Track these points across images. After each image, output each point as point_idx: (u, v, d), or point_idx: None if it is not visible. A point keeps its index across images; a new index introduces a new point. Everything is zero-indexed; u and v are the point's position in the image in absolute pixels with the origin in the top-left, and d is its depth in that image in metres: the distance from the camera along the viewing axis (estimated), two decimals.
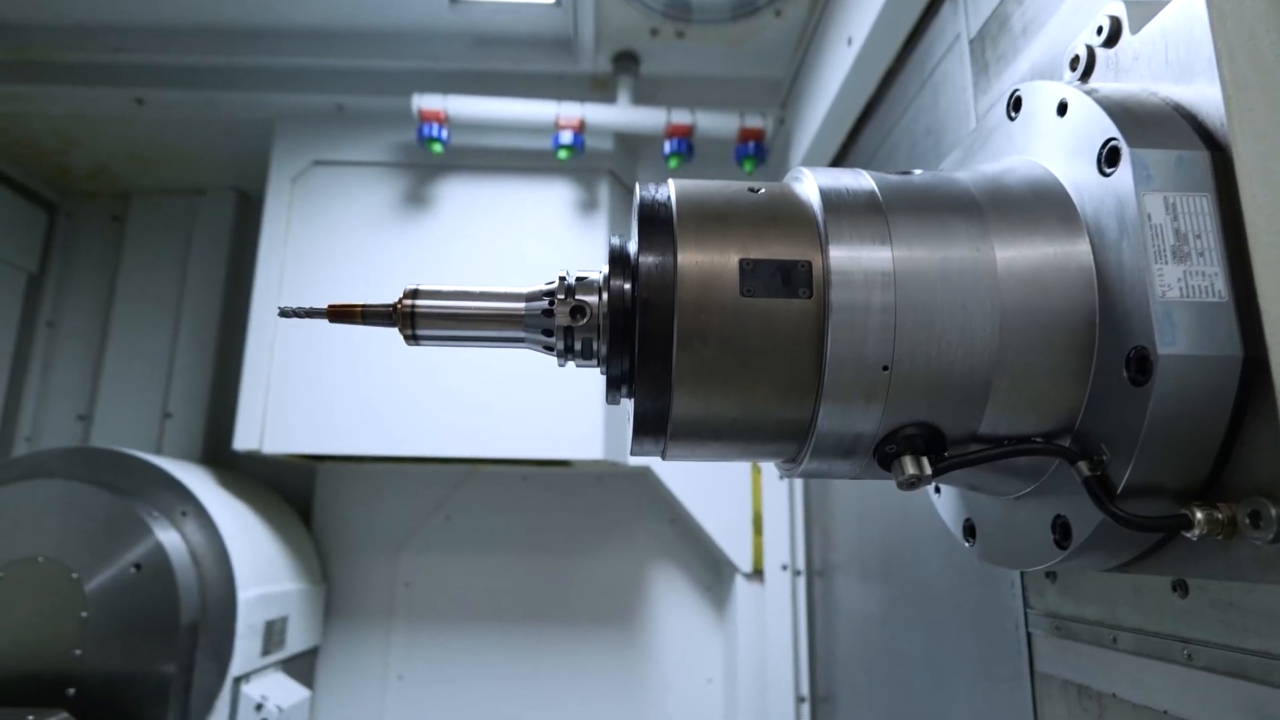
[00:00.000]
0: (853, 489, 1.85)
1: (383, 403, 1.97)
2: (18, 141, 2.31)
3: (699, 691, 2.31)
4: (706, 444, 0.78)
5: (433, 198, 2.10)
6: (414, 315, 0.79)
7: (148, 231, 2.59)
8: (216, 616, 1.78)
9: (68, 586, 1.69)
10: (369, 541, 2.37)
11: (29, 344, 2.51)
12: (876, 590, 1.65)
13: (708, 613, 2.35)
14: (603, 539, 2.40)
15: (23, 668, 1.65)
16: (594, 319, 0.77)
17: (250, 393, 1.98)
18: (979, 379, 0.70)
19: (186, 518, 1.83)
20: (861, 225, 0.71)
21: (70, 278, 2.59)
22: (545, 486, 2.42)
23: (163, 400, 2.44)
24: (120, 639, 1.68)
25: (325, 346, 2.00)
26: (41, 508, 1.73)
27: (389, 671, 2.29)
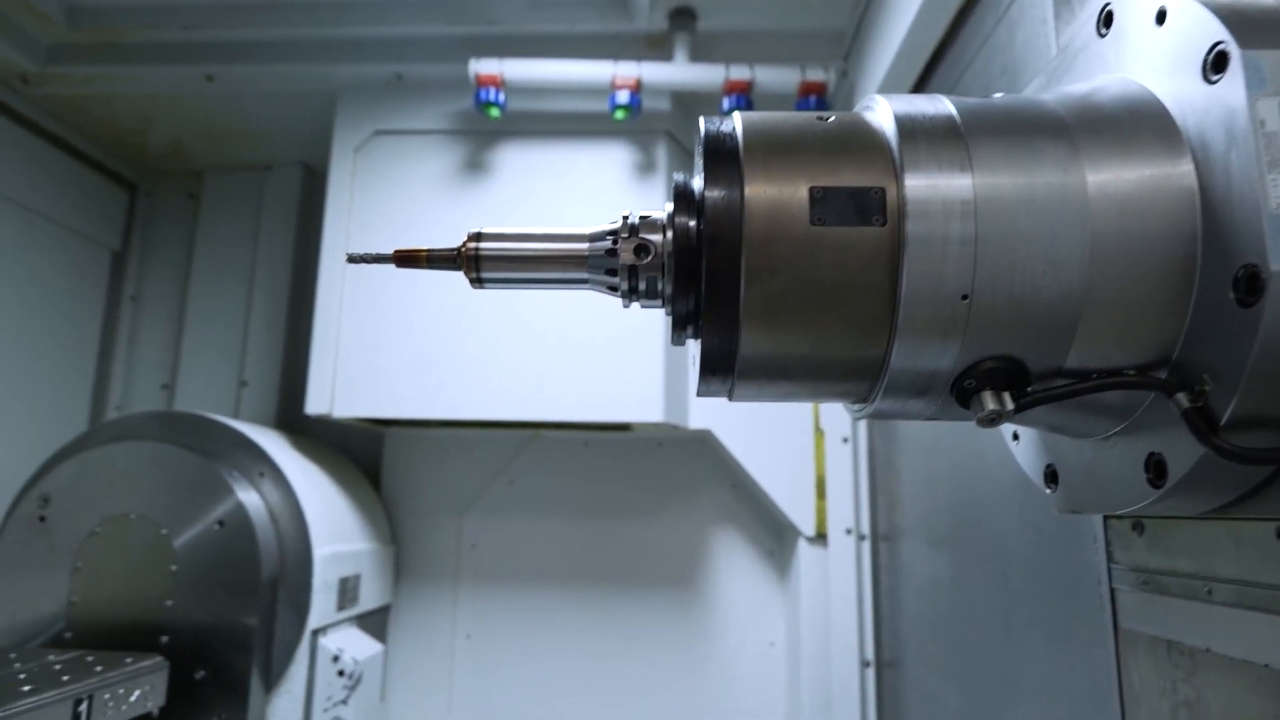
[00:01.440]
0: (920, 452, 1.80)
1: (446, 368, 2.01)
2: (99, 122, 2.41)
3: (761, 655, 2.30)
4: (775, 383, 0.76)
5: (491, 164, 2.11)
6: (478, 258, 0.79)
7: (220, 207, 2.68)
8: (294, 572, 1.85)
9: (158, 542, 1.78)
10: (435, 505, 2.43)
11: (115, 318, 2.63)
12: (945, 553, 1.61)
13: (770, 577, 2.34)
14: (664, 504, 2.40)
15: (121, 616, 1.75)
16: (658, 257, 0.76)
17: (320, 359, 2.04)
18: (1066, 309, 0.66)
19: (264, 478, 1.90)
20: (940, 151, 0.68)
21: (151, 254, 2.71)
22: (606, 452, 2.43)
23: (239, 369, 2.54)
24: (206, 592, 1.76)
25: (390, 313, 2.04)
26: (132, 468, 1.82)
27: (457, 630, 2.36)
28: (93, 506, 1.80)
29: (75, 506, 1.81)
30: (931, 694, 1.67)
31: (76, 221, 2.44)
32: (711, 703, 2.29)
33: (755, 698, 2.29)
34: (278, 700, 1.80)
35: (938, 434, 1.67)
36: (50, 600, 1.78)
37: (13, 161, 2.21)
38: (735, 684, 2.30)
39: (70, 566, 1.78)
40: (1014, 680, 1.27)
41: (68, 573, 1.78)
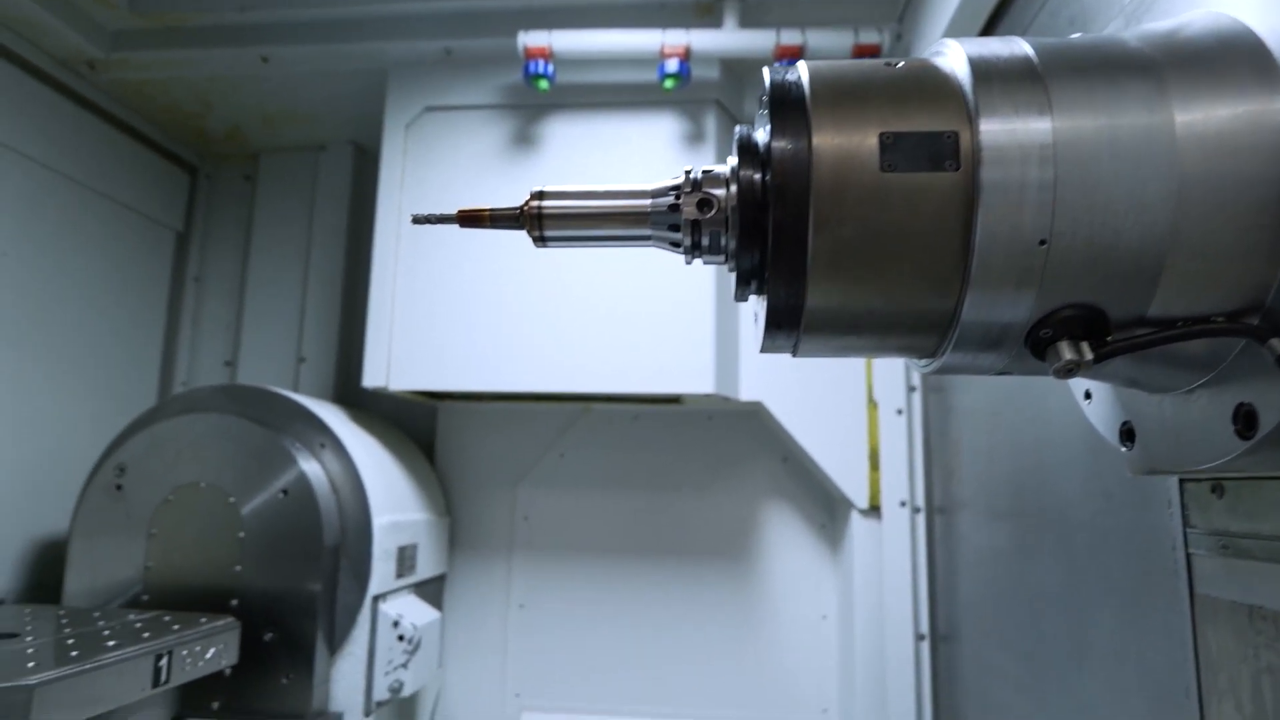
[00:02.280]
0: (978, 423, 1.76)
1: (498, 341, 2.03)
2: (162, 107, 2.48)
3: (813, 628, 2.30)
4: (841, 337, 0.75)
5: (540, 137, 2.11)
6: (541, 216, 0.80)
7: (275, 188, 2.75)
8: (355, 540, 1.90)
9: (226, 510, 1.85)
10: (488, 477, 2.47)
11: (180, 298, 2.72)
12: (1006, 524, 1.58)
13: (821, 550, 2.33)
14: (714, 477, 2.40)
15: (194, 580, 1.82)
16: (722, 211, 0.76)
17: (375, 334, 2.08)
18: (1151, 254, 0.64)
19: (324, 449, 1.95)
20: (1016, 94, 0.66)
21: (211, 235, 2.79)
22: (656, 425, 2.44)
23: (297, 345, 2.61)
24: (272, 558, 1.82)
25: (443, 288, 2.07)
26: (200, 439, 1.89)
27: (510, 600, 2.40)
28: (165, 475, 1.88)
29: (149, 475, 1.88)
30: (990, 666, 1.65)
31: (142, 204, 2.52)
32: (763, 673, 2.30)
33: (807, 670, 2.29)
34: (341, 663, 1.85)
35: (997, 403, 1.63)
36: (128, 565, 1.86)
37: (82, 146, 2.29)
38: (787, 656, 2.30)
39: (145, 532, 1.86)
40: (1080, 650, 1.25)
41: (143, 538, 1.86)
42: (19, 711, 1.09)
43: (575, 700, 2.34)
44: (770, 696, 2.29)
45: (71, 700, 1.17)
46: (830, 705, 2.27)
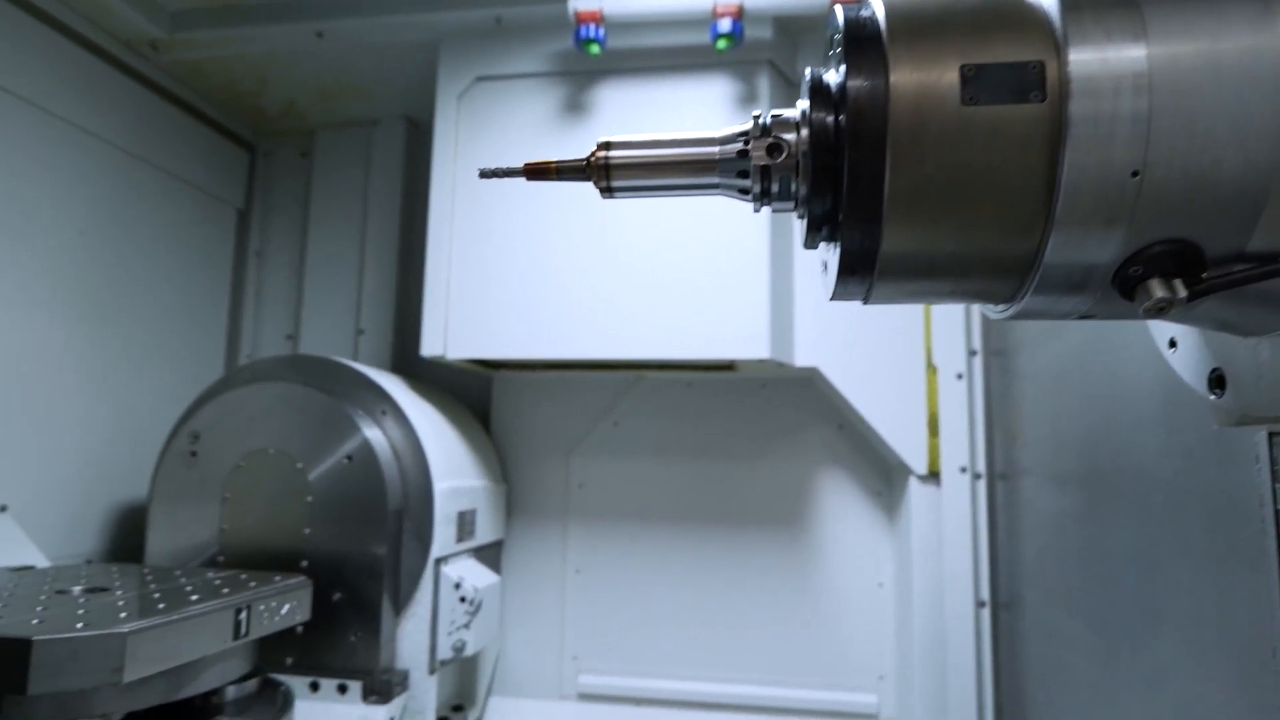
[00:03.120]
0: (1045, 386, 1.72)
1: (552, 309, 2.04)
2: (220, 85, 2.53)
3: (869, 595, 2.28)
4: (916, 281, 0.74)
5: (592, 104, 2.10)
6: (608, 167, 0.79)
7: (331, 164, 2.79)
8: (417, 505, 1.95)
9: (294, 475, 1.91)
10: (543, 446, 2.50)
11: (243, 273, 2.80)
12: (1073, 488, 1.54)
13: (877, 518, 2.31)
14: (768, 445, 2.39)
15: (266, 542, 1.90)
16: (792, 156, 0.74)
17: (433, 304, 2.11)
18: (1254, 184, 0.61)
19: (386, 416, 2.00)
20: (1108, 19, 0.63)
21: (271, 211, 2.86)
22: (709, 393, 2.44)
23: (355, 318, 2.66)
24: (339, 521, 1.88)
25: (498, 258, 2.09)
26: (267, 407, 1.95)
27: (567, 565, 2.44)
28: (236, 442, 1.95)
29: (221, 442, 1.96)
30: (1056, 632, 1.62)
31: (205, 181, 2.59)
32: (818, 640, 2.30)
33: (863, 637, 2.28)
34: (406, 623, 1.91)
35: (1066, 365, 1.59)
36: (204, 527, 1.94)
37: (148, 126, 2.36)
38: (842, 623, 2.29)
39: (219, 497, 1.94)
40: (1155, 613, 1.21)
41: (217, 502, 1.94)
42: (114, 657, 1.15)
43: (631, 664, 2.38)
44: (825, 663, 2.29)
45: (160, 649, 1.24)
46: (887, 672, 2.26)
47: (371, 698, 1.80)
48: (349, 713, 1.79)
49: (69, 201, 2.10)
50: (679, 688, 2.33)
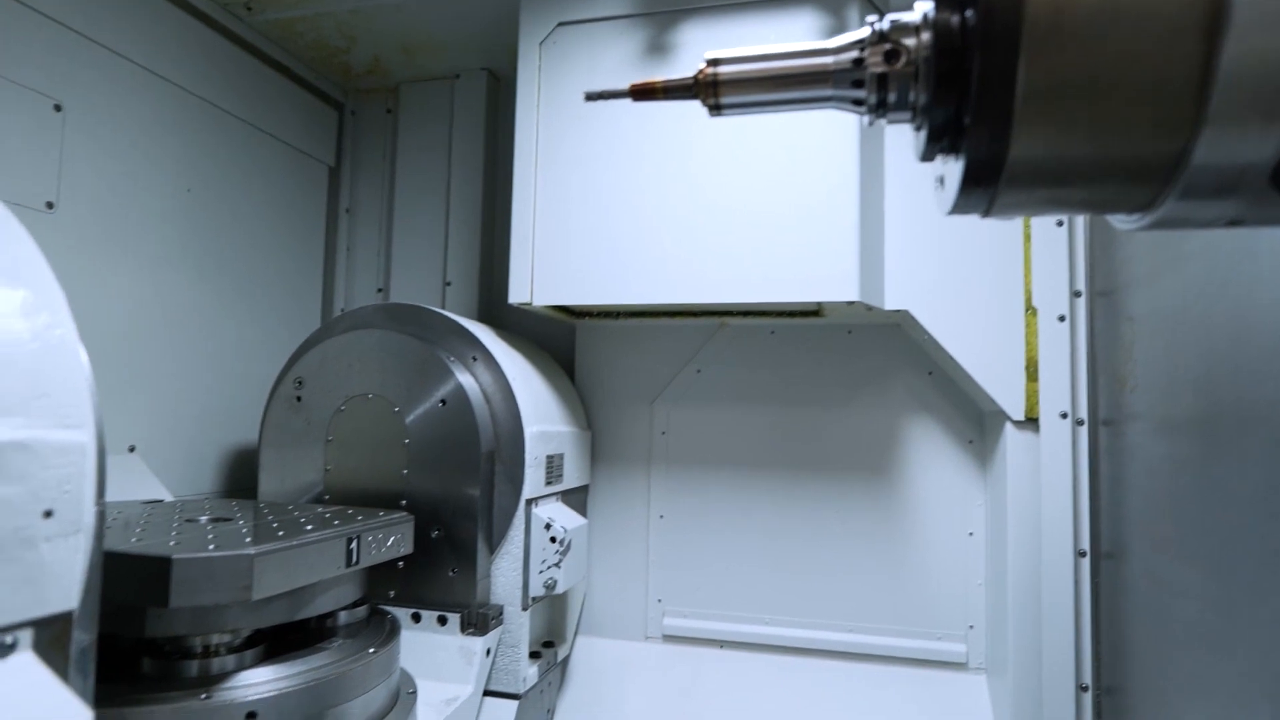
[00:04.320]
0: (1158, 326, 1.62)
1: (635, 254, 2.04)
2: (311, 44, 2.60)
3: (959, 544, 2.24)
4: (1045, 189, 0.70)
5: (674, 45, 2.06)
6: (717, 83, 0.78)
7: (415, 119, 2.84)
8: (508, 447, 2.00)
9: (392, 418, 1.99)
10: (626, 393, 2.53)
11: (335, 229, 2.90)
12: (1190, 432, 1.46)
13: (968, 466, 2.25)
14: (854, 392, 2.36)
15: (367, 482, 1.99)
16: (912, 62, 0.71)
17: (519, 252, 2.14)
18: None
19: (476, 362, 2.05)
20: None
21: (359, 168, 2.94)
22: (793, 340, 2.41)
23: (442, 270, 2.73)
24: (434, 463, 1.96)
25: (581, 204, 2.09)
26: (366, 353, 2.03)
27: (651, 510, 2.48)
28: (337, 387, 2.04)
29: (324, 387, 2.05)
30: (1164, 581, 1.55)
31: (298, 139, 2.68)
32: (905, 589, 2.28)
33: (952, 586, 2.24)
34: (500, 560, 1.98)
35: (1184, 303, 1.49)
36: (310, 468, 2.05)
37: (245, 86, 2.44)
38: (930, 572, 2.26)
39: (324, 439, 2.04)
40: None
41: (322, 444, 2.04)
42: (243, 576, 1.24)
43: (715, 608, 2.41)
44: (912, 611, 2.27)
45: (282, 571, 1.32)
46: (977, 622, 2.22)
47: (469, 630, 1.89)
48: (449, 642, 1.88)
49: (178, 161, 2.21)
50: (762, 632, 2.36)
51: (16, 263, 0.86)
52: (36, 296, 0.85)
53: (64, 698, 0.77)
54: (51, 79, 1.84)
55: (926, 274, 2.02)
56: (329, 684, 1.38)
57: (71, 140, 1.89)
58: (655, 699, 2.35)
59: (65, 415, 0.83)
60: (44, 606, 0.80)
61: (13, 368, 0.79)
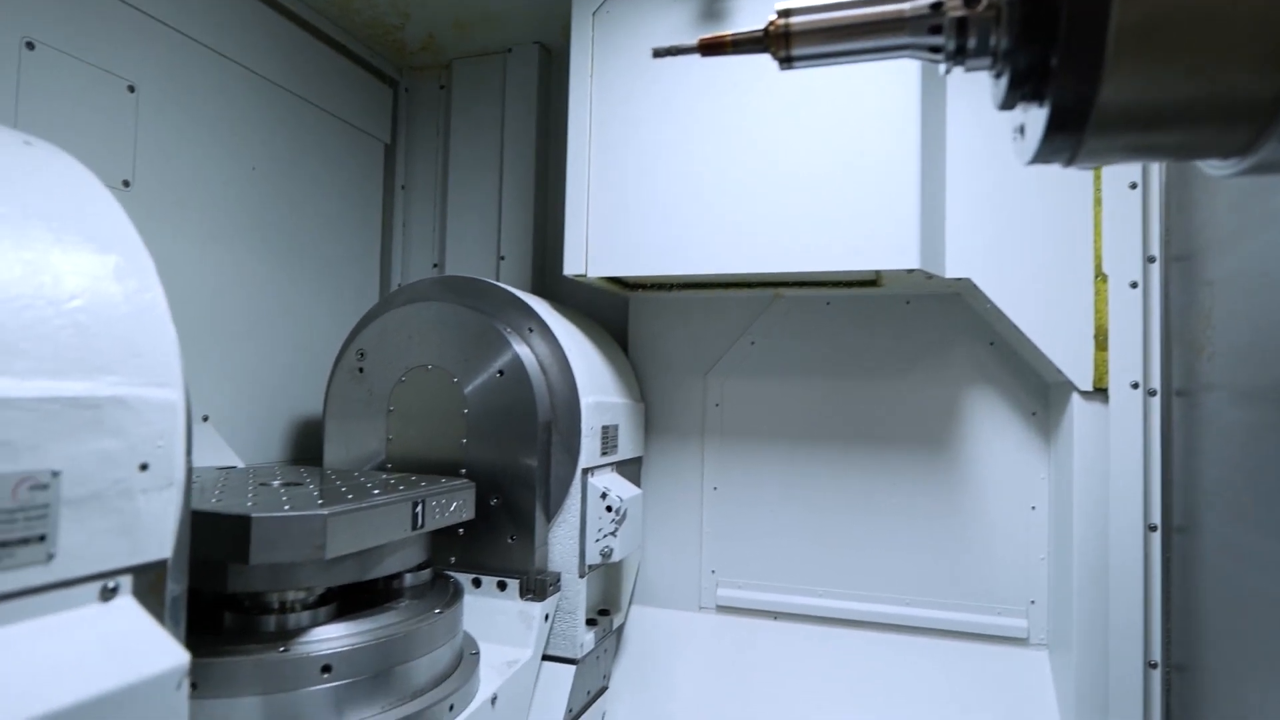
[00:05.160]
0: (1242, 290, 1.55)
1: (689, 225, 2.03)
2: (367, 22, 2.63)
3: (1021, 518, 2.20)
4: (1135, 134, 0.67)
5: (728, 11, 2.03)
6: (789, 34, 0.76)
7: (467, 95, 2.86)
8: (564, 417, 2.03)
9: (450, 389, 2.03)
10: (680, 365, 2.53)
11: (391, 205, 2.95)
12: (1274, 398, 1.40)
13: (1031, 438, 2.20)
14: (912, 363, 2.31)
15: (428, 451, 2.04)
16: (994, 4, 0.69)
17: (574, 224, 2.15)
18: None
19: (533, 334, 2.08)
20: None
21: (414, 145, 2.98)
22: (849, 311, 2.37)
23: (496, 244, 2.76)
24: (492, 432, 1.99)
25: (635, 175, 2.09)
26: (425, 325, 2.07)
27: (704, 482, 2.49)
28: (398, 358, 2.08)
29: (385, 359, 2.10)
30: (1246, 554, 1.50)
31: (355, 117, 2.73)
32: (963, 562, 2.25)
33: (1012, 560, 2.20)
34: (557, 529, 2.02)
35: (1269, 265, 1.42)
36: (373, 438, 2.10)
37: (304, 64, 2.49)
38: (990, 546, 2.23)
39: (385, 409, 2.09)
40: None
41: (384, 415, 2.09)
42: (317, 535, 1.29)
43: (770, 579, 2.41)
44: (971, 585, 2.24)
45: (353, 531, 1.36)
46: (1038, 597, 2.18)
47: (528, 595, 1.93)
48: (509, 607, 1.92)
49: (243, 139, 2.27)
50: (817, 604, 2.35)
51: (108, 230, 0.90)
52: (127, 262, 0.89)
53: (163, 639, 0.81)
54: (126, 61, 1.90)
55: (989, 241, 1.97)
56: (398, 641, 1.43)
57: (145, 121, 1.95)
58: (709, 668, 2.37)
59: (156, 375, 0.87)
60: (141, 554, 0.84)
61: (109, 329, 0.83)
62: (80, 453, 0.77)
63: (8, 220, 0.77)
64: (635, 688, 2.38)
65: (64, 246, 0.82)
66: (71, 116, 1.78)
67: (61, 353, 0.77)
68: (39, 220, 0.81)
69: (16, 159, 0.86)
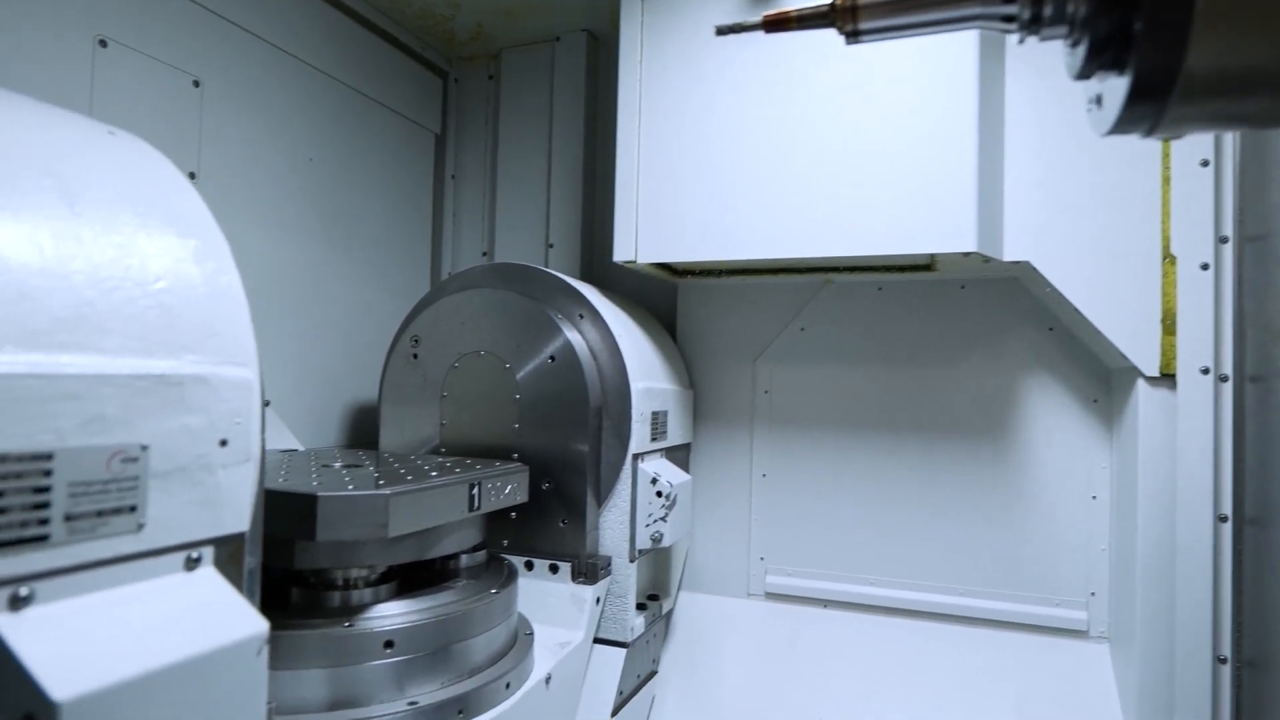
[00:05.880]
0: None
1: (739, 210, 2.02)
2: (418, 13, 2.67)
3: (1080, 508, 2.14)
4: (1223, 99, 0.65)
5: None
6: (855, 8, 0.75)
7: (516, 84, 2.89)
8: (615, 403, 2.04)
9: (503, 374, 2.06)
10: (728, 352, 2.52)
11: (441, 195, 2.99)
12: None
13: (1092, 426, 2.14)
14: (967, 350, 2.27)
15: (481, 436, 2.07)
16: None
17: (623, 211, 2.15)
18: None
19: (583, 320, 2.09)
20: None
21: (463, 135, 3.01)
22: (902, 296, 2.34)
23: (545, 233, 2.78)
24: (544, 418, 2.01)
25: (684, 163, 2.08)
26: (477, 311, 2.10)
27: (753, 469, 2.48)
28: (451, 344, 2.12)
29: (438, 345, 2.14)
30: None
31: (407, 108, 2.77)
32: (1020, 553, 2.20)
33: (1072, 551, 2.15)
34: (608, 513, 2.03)
35: None
36: (427, 423, 2.15)
37: (358, 57, 2.54)
38: (1049, 536, 2.18)
39: (439, 395, 2.13)
40: None
41: (438, 400, 2.13)
42: (380, 514, 1.32)
43: (820, 567, 2.40)
44: (1028, 576, 2.19)
45: (413, 511, 1.40)
46: (1099, 589, 2.13)
47: (580, 579, 1.95)
48: (561, 590, 1.95)
49: (301, 132, 2.32)
50: (868, 592, 2.33)
51: (188, 216, 0.93)
52: (206, 246, 0.92)
53: (244, 608, 0.85)
54: (191, 57, 1.96)
55: (1050, 222, 1.91)
56: (456, 619, 1.46)
57: (209, 114, 2.01)
58: (758, 654, 2.37)
59: (234, 354, 0.90)
60: (222, 527, 0.88)
61: (190, 309, 0.86)
62: (166, 428, 0.81)
63: (100, 205, 0.81)
64: (684, 673, 2.39)
65: (149, 231, 0.85)
66: (141, 111, 1.84)
67: (148, 332, 0.81)
68: (127, 205, 0.84)
69: (103, 148, 0.90)
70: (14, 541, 0.68)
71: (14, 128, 0.81)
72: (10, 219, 0.72)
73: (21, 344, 0.68)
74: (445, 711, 1.39)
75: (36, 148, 0.81)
